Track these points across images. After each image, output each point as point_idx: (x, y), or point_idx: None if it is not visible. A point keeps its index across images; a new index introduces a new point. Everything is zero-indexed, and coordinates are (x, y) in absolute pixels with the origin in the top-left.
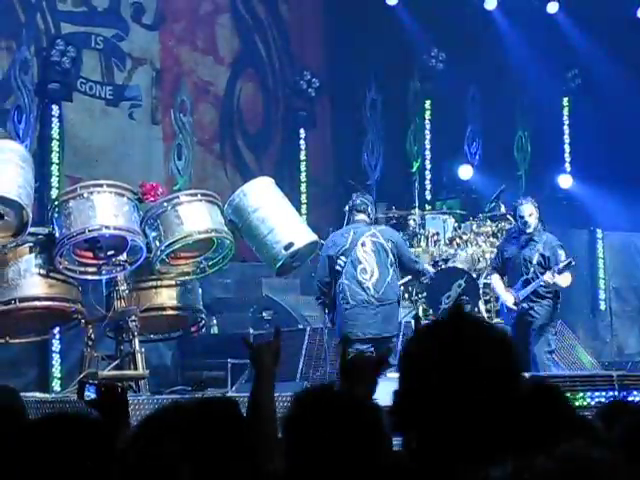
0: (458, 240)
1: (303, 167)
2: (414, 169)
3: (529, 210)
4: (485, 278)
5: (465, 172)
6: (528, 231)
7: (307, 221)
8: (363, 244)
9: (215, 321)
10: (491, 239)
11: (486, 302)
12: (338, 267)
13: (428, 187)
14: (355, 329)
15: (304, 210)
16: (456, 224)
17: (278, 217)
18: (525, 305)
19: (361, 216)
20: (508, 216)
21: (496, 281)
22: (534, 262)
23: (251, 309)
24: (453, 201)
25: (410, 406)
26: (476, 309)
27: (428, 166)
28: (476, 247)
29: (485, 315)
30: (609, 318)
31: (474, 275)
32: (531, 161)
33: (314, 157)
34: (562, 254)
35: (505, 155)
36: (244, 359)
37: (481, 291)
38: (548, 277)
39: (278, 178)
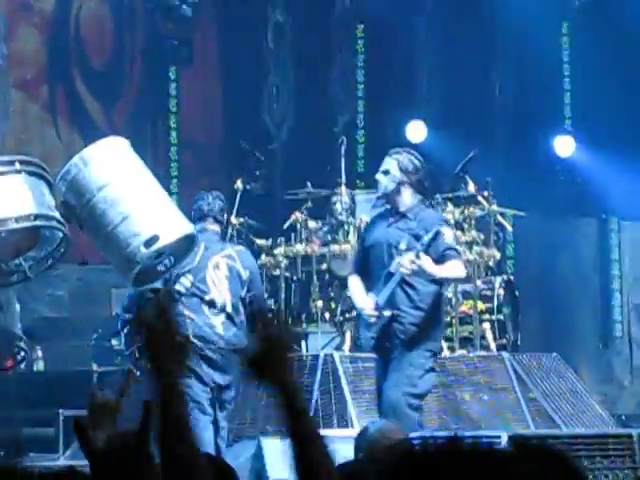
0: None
1: (174, 123)
2: (339, 127)
3: (387, 165)
4: (448, 289)
5: (416, 131)
6: (377, 195)
7: (179, 204)
8: (216, 266)
9: (40, 353)
10: (454, 232)
11: (446, 326)
12: (179, 289)
13: (360, 154)
14: (194, 378)
15: (174, 187)
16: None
17: (136, 198)
18: (388, 313)
19: (215, 227)
20: (479, 198)
21: (353, 284)
22: (402, 247)
23: (95, 335)
24: None
25: None
26: None
27: (361, 123)
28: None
29: (445, 345)
30: (628, 349)
31: None
32: (515, 116)
33: (191, 108)
34: (447, 234)
35: (476, 107)
36: (83, 409)
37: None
38: (405, 260)
39: (136, 139)
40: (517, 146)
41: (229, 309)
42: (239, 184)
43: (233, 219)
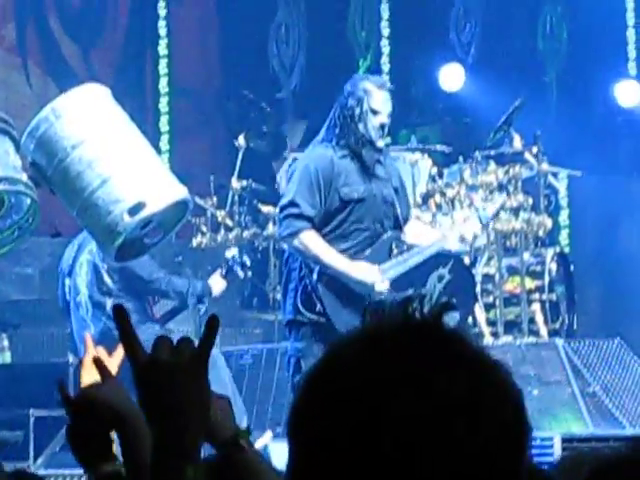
0: (438, 198)
1: (164, 68)
2: (360, 72)
3: (386, 99)
4: (481, 265)
5: (451, 77)
6: (380, 144)
7: (170, 164)
8: (81, 265)
9: (6, 342)
10: (497, 195)
11: (488, 307)
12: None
13: None
14: None
15: (165, 144)
16: (435, 169)
17: (118, 157)
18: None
19: None
20: (527, 155)
21: (320, 244)
22: (396, 204)
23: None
24: (429, 128)
25: None
26: (470, 319)
27: (386, 67)
28: (470, 210)
29: (487, 330)
30: None
31: (466, 260)
32: (568, 58)
33: (184, 51)
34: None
35: (522, 47)
36: (58, 409)
37: (479, 288)
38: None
39: (120, 88)
40: (571, 94)
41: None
42: (241, 141)
43: (234, 182)
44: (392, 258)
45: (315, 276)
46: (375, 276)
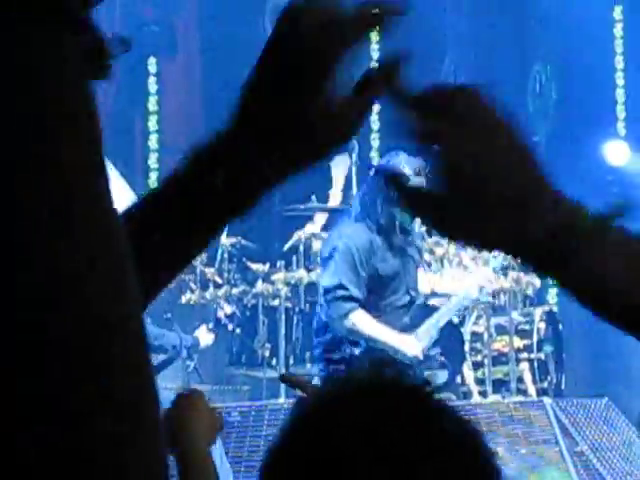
0: (427, 256)
1: (153, 124)
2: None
3: (422, 186)
4: (469, 323)
5: None
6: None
7: None
8: None
9: None
10: (486, 254)
11: (476, 366)
12: None
13: (376, 162)
14: None
15: None
16: (424, 228)
17: None
18: (434, 353)
19: None
20: None
21: (369, 321)
22: (414, 276)
23: None
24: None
25: None
26: (459, 378)
27: (375, 124)
28: (459, 268)
29: (475, 389)
30: None
31: (455, 319)
32: (557, 118)
33: (173, 107)
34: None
35: (512, 107)
36: None
37: (468, 346)
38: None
39: (109, 145)
40: (559, 153)
41: None
42: None
43: (224, 239)
44: (424, 320)
45: (357, 351)
46: (416, 349)
